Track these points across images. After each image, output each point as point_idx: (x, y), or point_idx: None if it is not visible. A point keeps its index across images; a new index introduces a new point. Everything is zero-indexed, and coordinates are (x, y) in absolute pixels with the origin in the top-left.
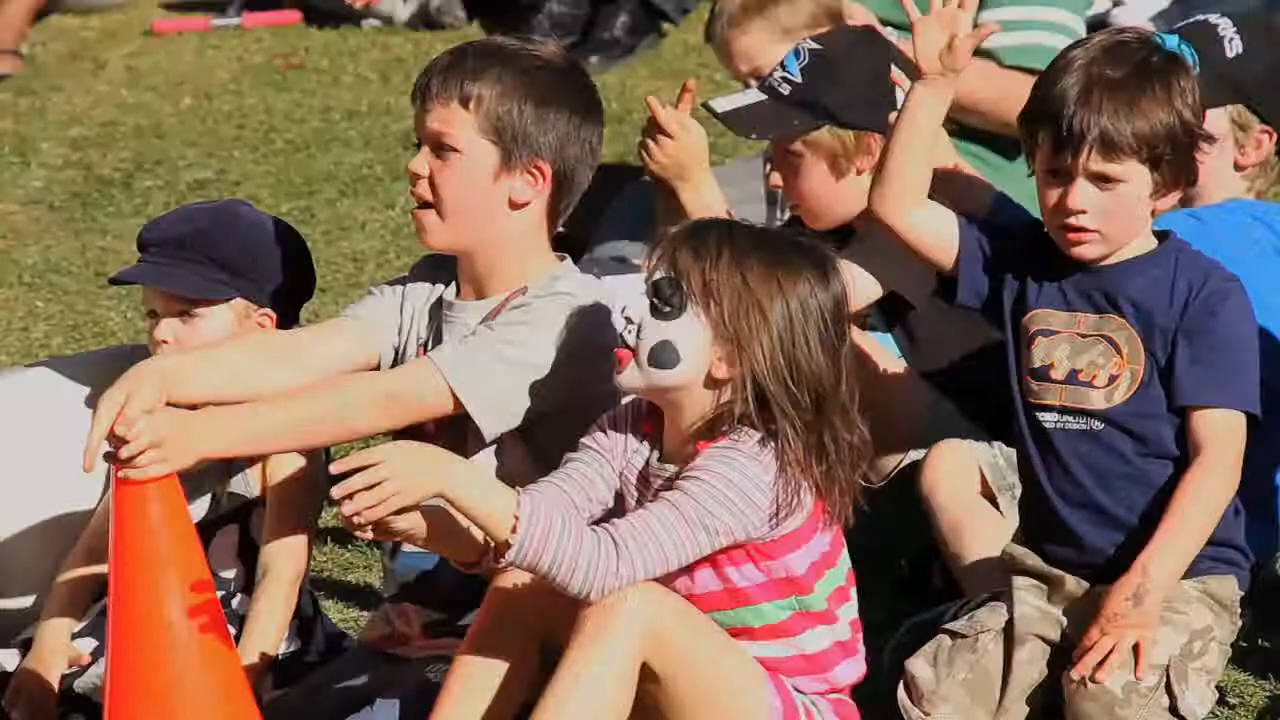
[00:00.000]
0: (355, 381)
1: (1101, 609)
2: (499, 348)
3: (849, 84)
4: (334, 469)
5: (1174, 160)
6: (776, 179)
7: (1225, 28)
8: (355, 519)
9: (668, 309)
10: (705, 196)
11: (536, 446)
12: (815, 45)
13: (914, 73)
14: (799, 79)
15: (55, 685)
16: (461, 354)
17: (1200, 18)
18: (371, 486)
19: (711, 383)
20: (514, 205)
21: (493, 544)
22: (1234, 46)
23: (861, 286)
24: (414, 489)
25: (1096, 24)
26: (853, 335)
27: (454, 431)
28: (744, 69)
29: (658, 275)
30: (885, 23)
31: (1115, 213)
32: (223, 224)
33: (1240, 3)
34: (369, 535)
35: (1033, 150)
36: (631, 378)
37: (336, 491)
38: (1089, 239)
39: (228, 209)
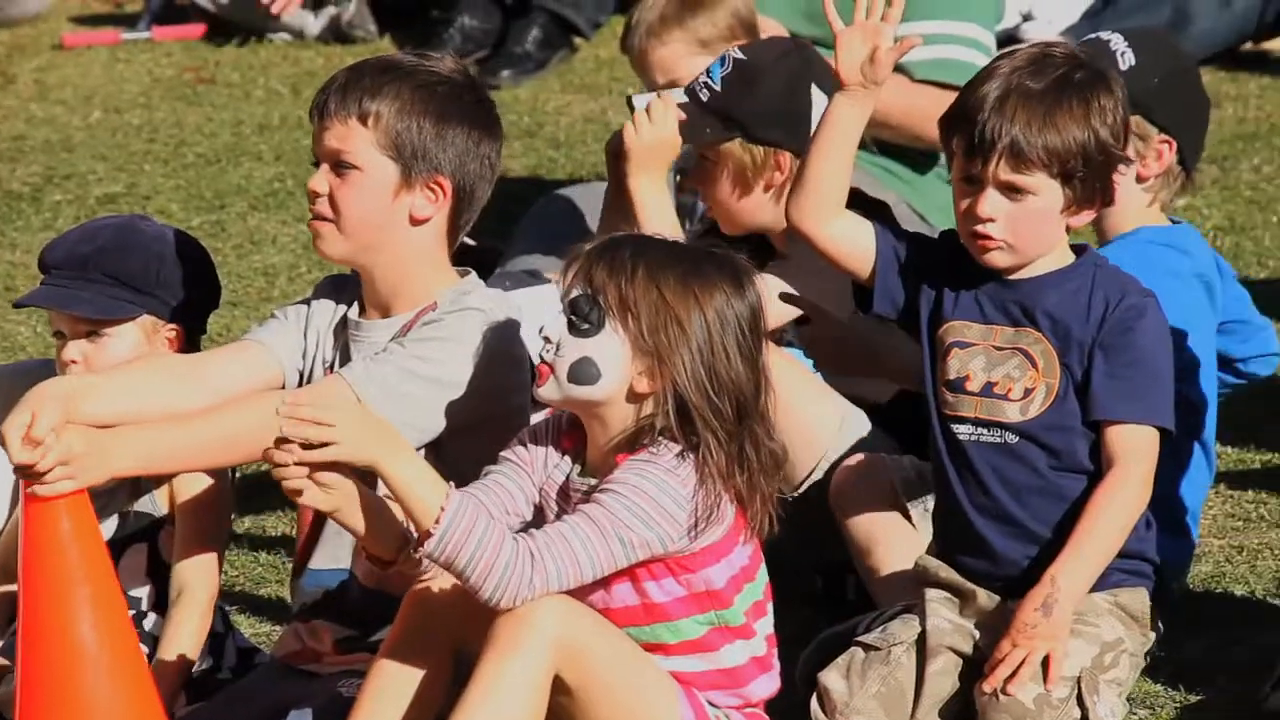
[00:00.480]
0: (271, 400)
1: (1012, 621)
2: (411, 364)
3: (766, 97)
4: (283, 412)
5: (1087, 178)
6: (690, 184)
7: (1117, 42)
8: (286, 472)
9: (585, 325)
10: (658, 190)
11: (448, 462)
12: (740, 55)
13: (836, 85)
14: (719, 87)
15: None
16: (373, 371)
17: (1094, 35)
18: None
19: (633, 396)
20: (414, 221)
21: (414, 535)
22: (1126, 59)
23: (782, 304)
24: (354, 449)
25: (1006, 39)
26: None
27: None
28: (660, 80)
29: (574, 292)
30: (795, 36)
31: (1023, 224)
32: (125, 241)
33: (1147, 19)
34: (296, 489)
35: (950, 155)
36: (551, 392)
37: (283, 428)
38: (996, 247)
39: (129, 225)
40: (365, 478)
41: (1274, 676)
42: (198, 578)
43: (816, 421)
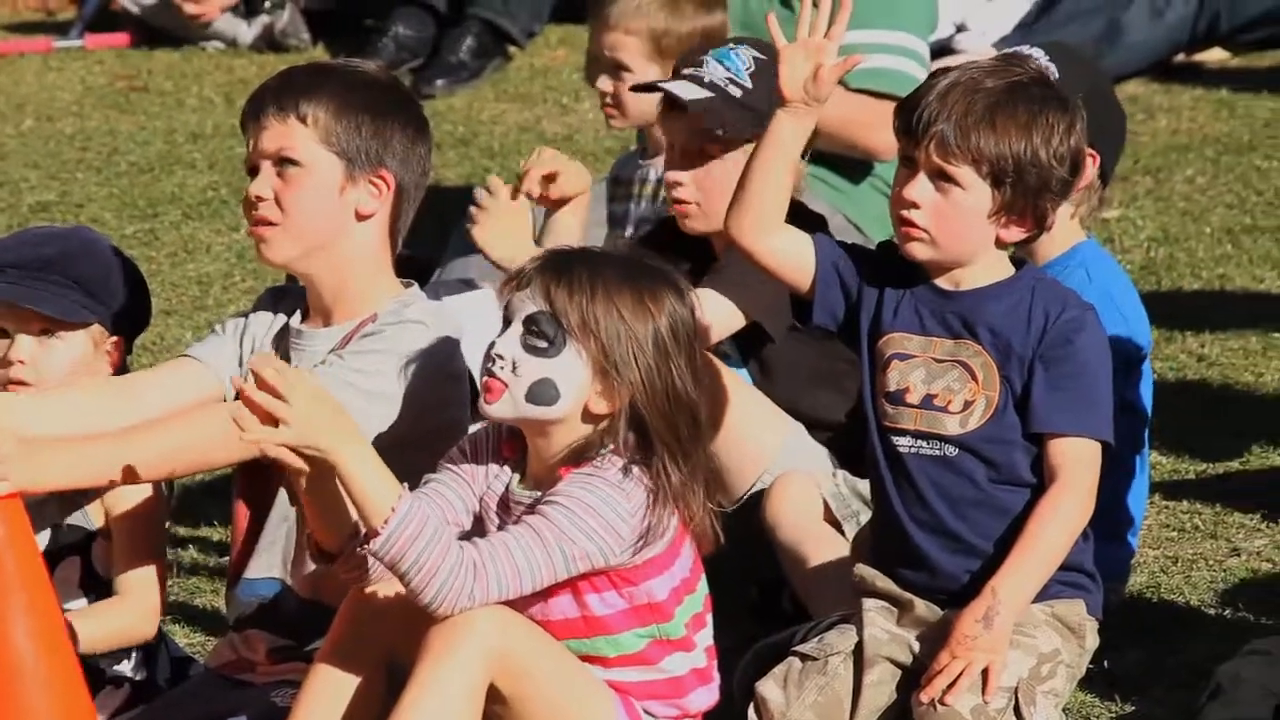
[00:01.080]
0: (212, 413)
1: (952, 632)
2: (350, 376)
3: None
4: (236, 385)
5: (1017, 191)
6: (675, 175)
7: (1039, 56)
8: (243, 428)
9: (545, 345)
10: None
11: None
12: (759, 55)
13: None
14: (749, 84)
15: None
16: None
17: (1014, 49)
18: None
19: (588, 416)
20: (360, 217)
21: (362, 531)
22: (1049, 73)
23: (723, 317)
24: (305, 437)
25: (940, 49)
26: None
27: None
28: (609, 55)
29: (532, 310)
30: None
31: (947, 217)
32: (85, 249)
33: (1080, 31)
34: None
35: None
36: (504, 410)
37: (234, 406)
38: (917, 236)
39: (79, 234)
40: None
41: (1210, 686)
42: (140, 588)
43: (759, 436)
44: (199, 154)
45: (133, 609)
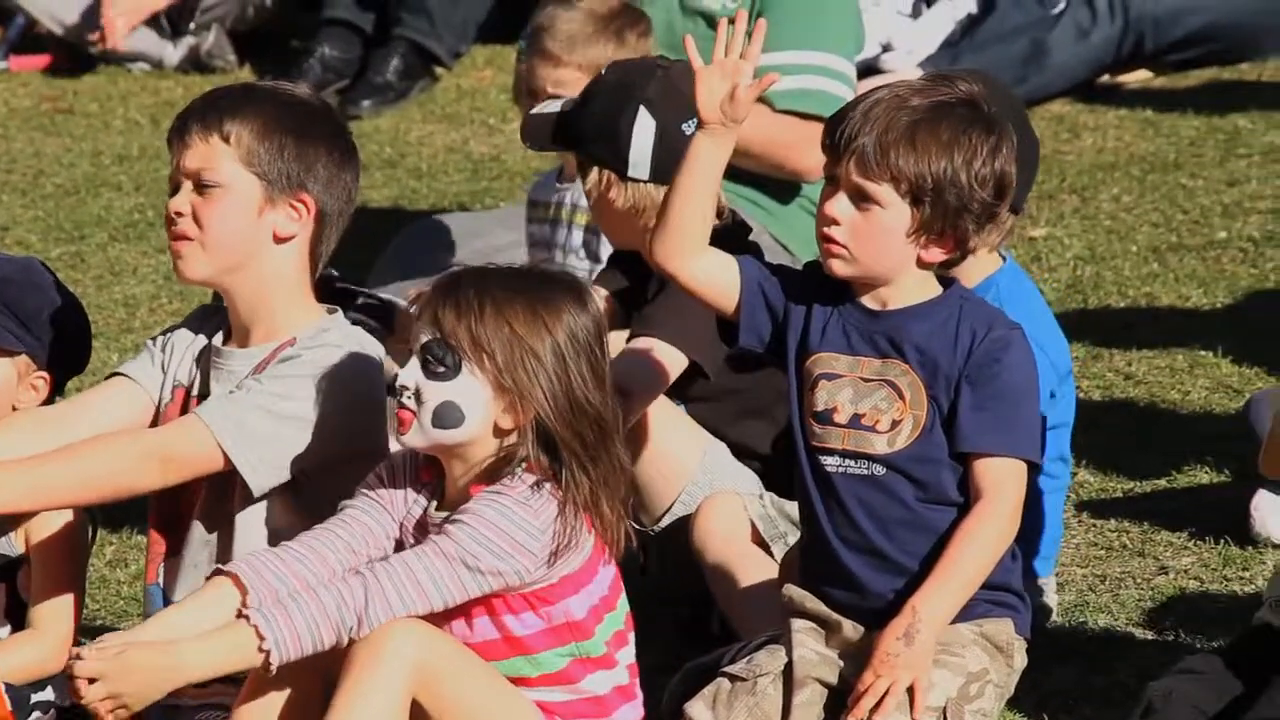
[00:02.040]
0: (129, 440)
1: (874, 651)
2: (268, 401)
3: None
4: (67, 670)
5: (936, 211)
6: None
7: (966, 81)
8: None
9: (442, 369)
10: None
11: (304, 499)
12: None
13: (696, 123)
14: None
15: None
16: (229, 410)
17: (931, 71)
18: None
19: (497, 432)
20: (278, 239)
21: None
22: (978, 95)
23: (670, 363)
24: (146, 699)
25: (866, 69)
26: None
27: (219, 484)
28: (541, 87)
29: (424, 337)
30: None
31: (865, 235)
32: (26, 278)
33: (1005, 50)
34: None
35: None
36: (415, 438)
37: (73, 693)
38: (838, 253)
39: (30, 265)
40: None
41: (1141, 705)
42: (52, 618)
43: (678, 452)
44: (125, 176)
45: (44, 641)
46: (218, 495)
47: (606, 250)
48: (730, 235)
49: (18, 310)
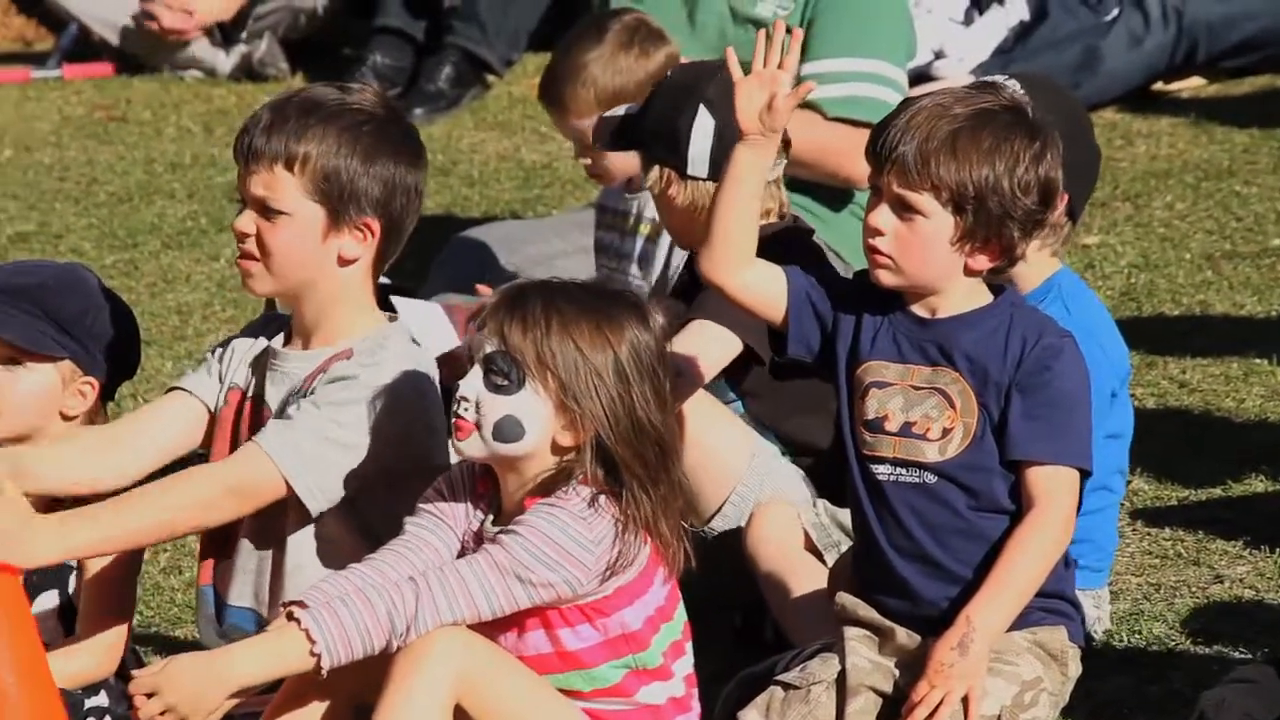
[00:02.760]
0: (202, 479)
1: (928, 661)
2: (325, 427)
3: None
4: (129, 689)
5: (979, 219)
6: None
7: (1012, 88)
8: None
9: (504, 383)
10: None
11: (358, 517)
12: None
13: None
14: None
15: None
16: (287, 436)
17: (986, 79)
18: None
19: (556, 449)
20: (343, 262)
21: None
22: (1023, 102)
23: (721, 346)
24: (202, 709)
25: (918, 76)
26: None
27: (273, 506)
28: (574, 137)
29: (488, 349)
30: None
31: (909, 245)
32: (66, 284)
33: (1057, 58)
34: None
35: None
36: (474, 448)
37: (134, 716)
38: (883, 263)
39: (72, 271)
40: None
41: (1195, 714)
42: (104, 625)
43: (726, 453)
44: (178, 184)
45: (95, 648)
46: (268, 514)
47: (660, 259)
48: (792, 235)
49: (58, 316)
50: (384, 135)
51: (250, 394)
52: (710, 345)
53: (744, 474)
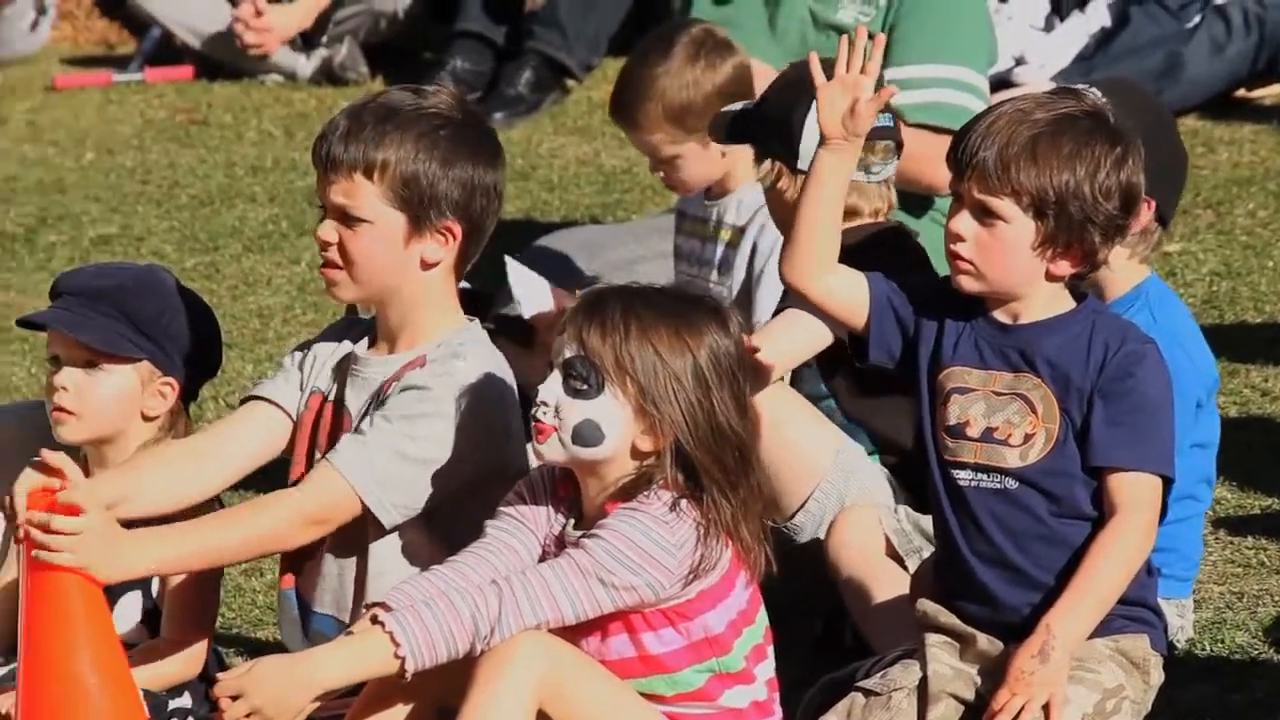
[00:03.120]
0: (280, 505)
1: (1008, 669)
2: (398, 442)
3: None
4: (212, 695)
5: (1060, 224)
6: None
7: (1093, 95)
8: None
9: (584, 388)
10: None
11: (438, 523)
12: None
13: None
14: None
15: None
16: (360, 453)
17: (1066, 86)
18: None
19: (636, 454)
20: (426, 265)
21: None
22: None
23: (813, 336)
24: (287, 711)
25: (999, 83)
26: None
27: (353, 520)
28: (644, 152)
29: (567, 354)
30: None
31: (991, 250)
32: (144, 286)
33: (1139, 65)
34: None
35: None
36: (554, 451)
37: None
38: (965, 269)
39: (150, 272)
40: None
41: None
42: (186, 626)
43: (811, 450)
44: (259, 187)
45: (176, 653)
46: (349, 525)
47: (741, 266)
48: (895, 236)
49: (136, 318)
50: (461, 138)
51: (331, 398)
52: (799, 335)
53: (828, 471)
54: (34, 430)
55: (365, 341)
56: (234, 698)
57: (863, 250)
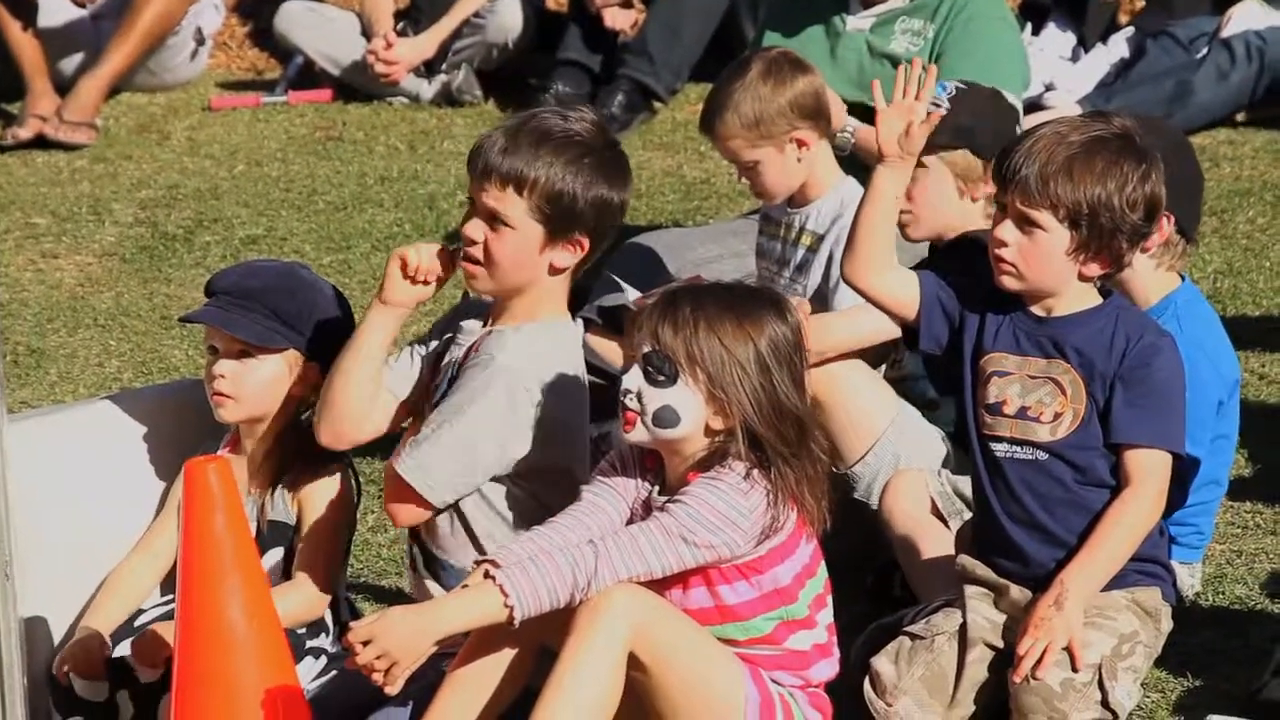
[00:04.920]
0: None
1: (1029, 617)
2: (457, 446)
3: (986, 122)
4: (344, 641)
5: (1093, 233)
6: None
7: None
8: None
9: (661, 378)
10: None
11: (527, 492)
12: (961, 85)
13: (877, 158)
14: (947, 106)
15: (106, 649)
16: (419, 459)
17: (1093, 110)
18: (378, 657)
19: (709, 432)
20: (554, 271)
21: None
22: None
23: (878, 328)
24: (411, 654)
25: (1031, 105)
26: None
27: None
28: (729, 159)
29: (646, 348)
30: (847, 102)
31: (1032, 255)
32: (286, 283)
33: (1152, 92)
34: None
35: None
36: (639, 435)
37: (350, 663)
38: (1008, 271)
39: (290, 270)
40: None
41: (1271, 665)
42: (315, 571)
43: (872, 410)
44: (386, 195)
45: (306, 589)
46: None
47: (820, 268)
48: (967, 243)
49: (281, 313)
50: (600, 163)
51: (437, 356)
52: (865, 324)
53: (886, 430)
54: (193, 404)
55: (480, 320)
56: (365, 643)
57: (946, 253)
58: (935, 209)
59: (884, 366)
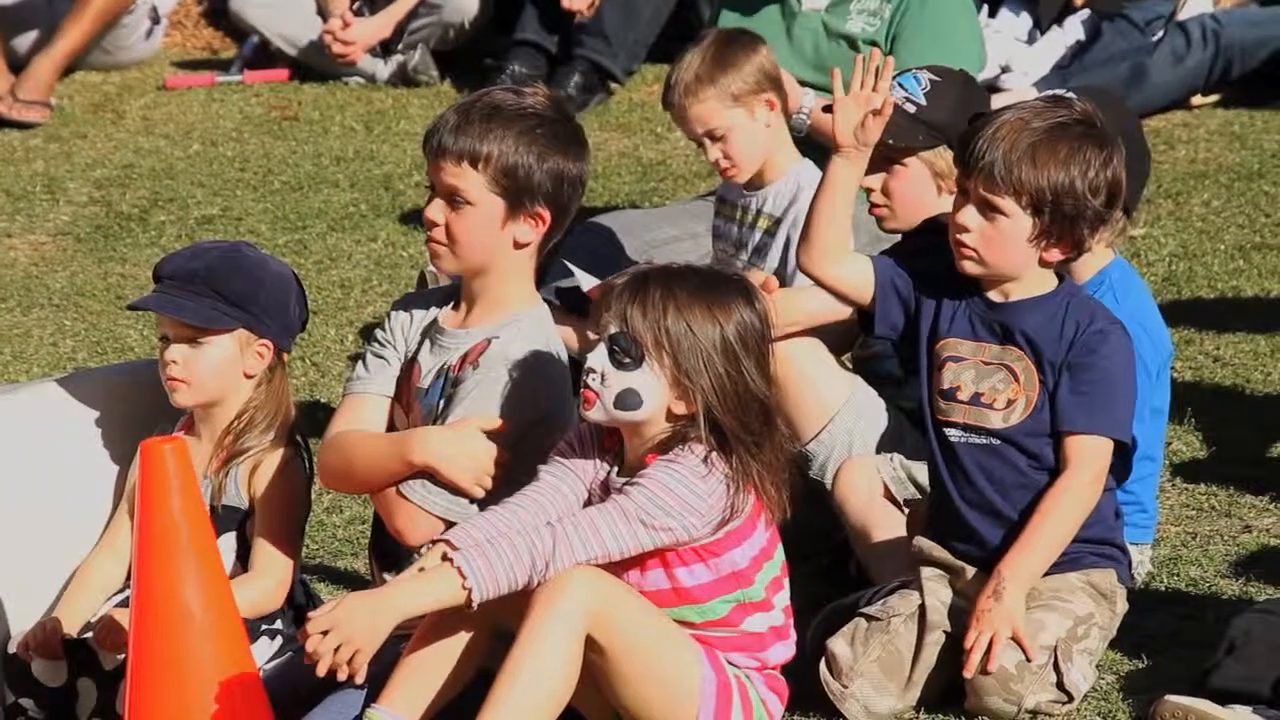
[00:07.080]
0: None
1: (972, 611)
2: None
3: (962, 116)
4: (300, 635)
5: (1055, 218)
6: (866, 181)
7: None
8: (340, 672)
9: (627, 360)
10: None
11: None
12: (934, 77)
13: (833, 148)
14: (923, 101)
15: (64, 632)
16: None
17: (1050, 92)
18: (338, 647)
19: (670, 416)
20: (517, 245)
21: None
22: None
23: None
24: (372, 641)
25: (987, 88)
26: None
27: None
28: (699, 131)
29: (612, 329)
30: (803, 83)
31: (993, 241)
32: (230, 262)
33: (1109, 74)
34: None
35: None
36: (598, 415)
37: (309, 651)
38: (968, 255)
39: (235, 250)
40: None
41: (1224, 645)
42: (272, 560)
43: (827, 389)
44: (342, 175)
45: (264, 581)
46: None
47: (777, 252)
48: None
49: (226, 293)
50: (554, 134)
51: (414, 357)
52: (822, 301)
53: (842, 409)
54: (147, 385)
55: (450, 307)
56: (324, 633)
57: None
58: (914, 205)
59: (856, 345)
